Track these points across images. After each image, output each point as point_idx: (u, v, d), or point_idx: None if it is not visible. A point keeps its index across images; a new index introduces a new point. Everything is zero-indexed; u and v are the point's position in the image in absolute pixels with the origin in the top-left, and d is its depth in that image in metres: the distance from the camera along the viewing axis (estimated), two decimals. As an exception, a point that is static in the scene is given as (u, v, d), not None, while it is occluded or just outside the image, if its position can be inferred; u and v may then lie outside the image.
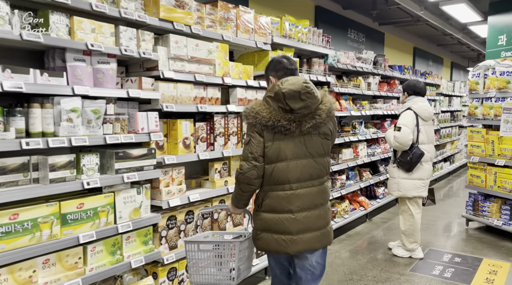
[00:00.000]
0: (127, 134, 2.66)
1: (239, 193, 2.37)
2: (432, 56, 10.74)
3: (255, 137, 2.22)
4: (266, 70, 2.49)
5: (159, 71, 2.88)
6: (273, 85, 2.26)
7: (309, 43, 4.50)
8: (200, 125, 3.26)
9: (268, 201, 2.29)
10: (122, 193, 2.67)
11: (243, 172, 2.25)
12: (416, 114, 4.21)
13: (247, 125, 2.27)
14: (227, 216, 3.53)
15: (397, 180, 4.30)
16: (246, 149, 2.25)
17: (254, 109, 2.22)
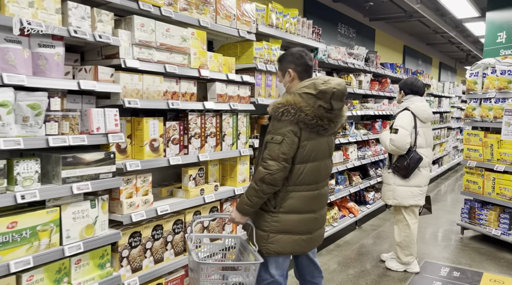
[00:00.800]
0: (78, 135, 2.17)
1: (259, 196, 2.23)
2: (421, 55, 10.48)
3: (290, 137, 2.16)
4: (283, 61, 2.41)
5: (120, 59, 2.40)
6: (312, 83, 2.21)
7: (298, 34, 4.07)
8: (171, 125, 2.79)
9: (292, 201, 2.28)
10: (71, 207, 2.18)
11: (272, 173, 2.16)
12: (414, 115, 3.82)
13: (279, 122, 2.17)
14: (202, 230, 3.07)
15: (393, 187, 3.90)
16: (277, 148, 2.16)
17: (295, 105, 2.14)
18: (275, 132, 2.19)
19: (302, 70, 2.37)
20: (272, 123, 2.22)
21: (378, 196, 6.41)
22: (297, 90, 2.23)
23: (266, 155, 2.20)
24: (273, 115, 2.19)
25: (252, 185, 2.23)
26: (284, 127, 2.17)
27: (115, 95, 2.44)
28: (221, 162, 3.40)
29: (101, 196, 2.35)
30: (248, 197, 2.26)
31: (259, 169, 2.21)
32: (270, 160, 2.18)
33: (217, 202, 3.18)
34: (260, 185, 2.20)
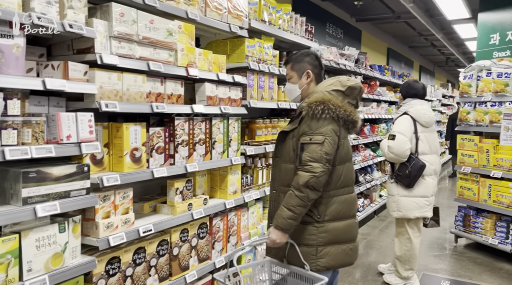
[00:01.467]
0: (43, 145, 1.78)
1: (304, 205, 2.02)
2: (404, 58, 10.42)
3: (331, 136, 2.05)
4: (301, 62, 2.29)
5: (96, 54, 2.01)
6: (336, 80, 2.17)
7: (291, 32, 3.77)
8: (155, 131, 2.42)
9: (335, 207, 2.14)
10: (34, 233, 1.78)
11: (317, 175, 1.99)
12: (414, 119, 3.56)
13: (318, 121, 2.05)
14: (190, 250, 2.70)
15: (396, 198, 3.61)
16: (319, 149, 2.02)
17: (333, 102, 2.05)
18: (314, 132, 2.06)
19: (318, 72, 2.31)
20: (308, 123, 2.07)
21: (367, 203, 6.20)
22: (324, 89, 2.16)
23: (306, 157, 2.03)
24: (311, 114, 2.06)
25: (294, 194, 2.02)
26: (325, 126, 2.05)
27: (90, 96, 2.06)
28: (210, 172, 3.05)
29: (73, 218, 1.96)
30: (290, 208, 2.02)
31: (300, 174, 2.02)
32: (313, 162, 2.01)
33: (206, 218, 2.83)
34: (304, 191, 2.00)
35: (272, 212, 2.27)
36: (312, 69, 2.26)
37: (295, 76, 2.29)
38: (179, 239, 2.59)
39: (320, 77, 2.30)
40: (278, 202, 2.20)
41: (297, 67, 2.29)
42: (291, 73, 2.31)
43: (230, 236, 3.07)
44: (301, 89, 2.27)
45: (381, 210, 6.78)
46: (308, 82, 2.26)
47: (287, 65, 2.33)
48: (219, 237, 2.96)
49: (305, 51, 2.34)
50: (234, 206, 3.03)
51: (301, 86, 2.28)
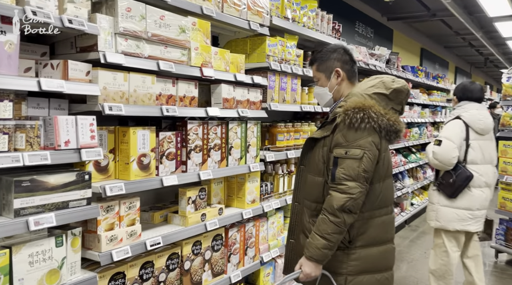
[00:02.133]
0: (38, 152, 1.63)
1: (340, 231, 1.75)
2: (438, 59, 9.90)
3: (372, 150, 1.75)
4: (326, 60, 1.98)
5: (99, 53, 1.86)
6: (379, 81, 1.87)
7: (317, 30, 3.52)
8: (166, 136, 2.25)
9: (371, 231, 1.85)
10: (27, 248, 1.63)
11: (355, 197, 1.72)
12: (467, 124, 3.21)
13: (356, 131, 1.75)
14: (203, 264, 2.51)
15: (436, 207, 3.29)
16: (356, 165, 1.73)
17: (375, 109, 1.74)
18: (351, 144, 1.76)
19: (350, 68, 1.99)
20: (344, 133, 1.78)
21: (398, 212, 5.84)
22: (364, 91, 1.86)
23: (341, 175, 1.74)
24: (347, 123, 1.76)
25: (328, 219, 1.75)
26: (364, 138, 1.75)
27: (92, 98, 1.90)
28: (226, 180, 2.85)
29: (72, 230, 1.81)
30: (324, 236, 1.75)
31: (334, 195, 1.74)
32: (350, 181, 1.73)
33: (221, 229, 2.63)
34: (340, 216, 1.73)
35: (294, 226, 2.03)
36: (342, 66, 1.96)
37: (323, 78, 1.99)
38: (191, 252, 2.41)
39: (353, 73, 1.99)
40: (300, 217, 1.97)
41: (324, 66, 1.98)
42: (318, 75, 2.01)
43: (248, 249, 2.86)
44: (332, 92, 1.98)
45: (413, 219, 6.39)
46: (339, 82, 1.96)
47: (313, 66, 2.04)
48: (236, 249, 2.75)
49: (331, 47, 2.02)
50: (252, 216, 2.81)
51: (331, 88, 1.98)
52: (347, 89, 1.95)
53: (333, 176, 1.76)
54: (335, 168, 1.76)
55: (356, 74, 2.01)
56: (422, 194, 7.00)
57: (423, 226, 6.18)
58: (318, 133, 1.91)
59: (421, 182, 6.63)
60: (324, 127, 1.90)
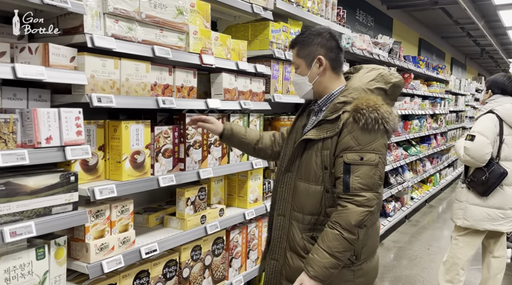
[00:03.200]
0: (13, 150, 1.39)
1: (351, 249, 1.55)
2: (435, 49, 9.74)
3: (384, 153, 1.58)
4: (308, 45, 1.67)
5: (86, 35, 1.61)
6: (378, 74, 1.65)
7: (322, 16, 3.29)
8: (162, 131, 2.02)
9: (370, 241, 1.69)
10: (3, 263, 1.40)
11: (373, 210, 1.54)
12: (501, 119, 3.04)
13: (370, 133, 1.53)
14: (203, 270, 2.30)
15: (465, 205, 3.11)
16: (373, 172, 1.53)
17: (386, 109, 1.55)
18: (365, 148, 1.53)
19: (336, 56, 1.67)
20: (356, 135, 1.54)
21: (398, 207, 5.69)
22: (365, 85, 1.62)
23: (357, 184, 1.51)
24: (362, 124, 1.52)
25: (342, 236, 1.50)
26: (377, 140, 1.54)
27: (79, 88, 1.66)
28: (227, 177, 2.63)
29: (56, 240, 1.58)
30: (334, 254, 1.51)
31: (351, 208, 1.50)
32: (367, 192, 1.52)
33: (222, 232, 2.41)
34: (356, 232, 1.52)
35: (276, 243, 1.72)
36: (326, 53, 1.64)
37: (303, 65, 1.69)
38: (190, 259, 2.19)
39: (338, 63, 1.68)
40: (285, 232, 1.69)
41: (305, 52, 1.67)
42: (297, 61, 1.70)
43: (250, 251, 2.65)
44: (312, 83, 1.68)
45: (413, 214, 6.25)
46: (321, 72, 1.66)
47: (293, 50, 1.73)
48: (237, 253, 2.55)
49: (315, 29, 1.69)
50: (254, 216, 2.61)
51: (311, 78, 1.68)
52: (330, 81, 1.68)
53: (347, 186, 1.52)
54: (347, 176, 1.52)
55: (342, 64, 1.71)
56: (421, 188, 6.87)
57: (423, 220, 6.06)
58: (313, 134, 1.61)
59: (420, 176, 6.49)
60: (320, 126, 1.62)
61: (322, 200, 1.61)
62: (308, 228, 1.64)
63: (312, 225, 1.64)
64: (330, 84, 1.68)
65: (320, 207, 1.61)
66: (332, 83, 1.68)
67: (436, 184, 7.43)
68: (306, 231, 1.65)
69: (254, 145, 1.95)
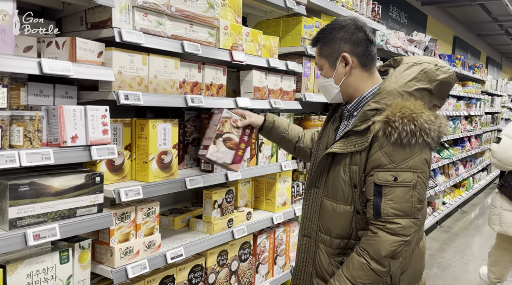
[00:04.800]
0: (38, 149, 1.33)
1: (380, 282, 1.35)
2: (471, 48, 9.32)
3: (425, 171, 1.33)
4: (330, 40, 1.43)
5: (114, 29, 1.54)
6: (421, 70, 1.38)
7: (356, 11, 3.14)
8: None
9: (413, 267, 1.47)
10: (25, 267, 1.35)
11: (409, 240, 1.32)
12: None
13: (404, 148, 1.30)
14: (229, 276, 2.21)
15: (499, 211, 3.12)
16: (409, 195, 1.31)
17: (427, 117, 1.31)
18: (399, 166, 1.30)
19: (365, 51, 1.42)
20: (388, 150, 1.31)
21: (429, 212, 5.45)
22: (402, 88, 1.36)
23: (390, 210, 1.30)
24: (395, 138, 1.29)
25: (369, 266, 1.32)
26: (415, 156, 1.30)
27: (106, 85, 1.59)
28: (254, 179, 2.53)
29: (80, 243, 1.51)
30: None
31: (383, 236, 1.30)
32: (402, 218, 1.30)
33: (249, 236, 2.31)
34: (387, 264, 1.32)
35: (301, 268, 1.56)
36: (352, 49, 1.41)
37: (327, 66, 1.47)
38: (216, 264, 2.11)
39: (369, 57, 1.43)
40: (313, 255, 1.52)
41: (327, 50, 1.45)
42: (320, 62, 1.49)
43: (278, 257, 2.55)
44: (339, 85, 1.46)
45: (444, 219, 5.99)
46: (349, 71, 1.43)
47: (315, 47, 1.52)
48: (264, 258, 2.45)
49: (337, 22, 1.44)
50: (282, 221, 2.50)
51: (338, 79, 1.45)
52: (361, 81, 1.44)
53: (378, 211, 1.31)
54: (378, 200, 1.31)
55: (374, 58, 1.45)
56: (453, 192, 6.58)
57: (456, 227, 5.79)
58: (339, 147, 1.40)
59: (453, 180, 6.22)
60: (347, 137, 1.40)
61: (353, 222, 1.41)
62: (337, 253, 1.46)
63: (341, 249, 1.45)
64: (361, 85, 1.45)
65: (350, 230, 1.42)
66: (363, 83, 1.45)
67: (469, 188, 7.11)
68: (335, 255, 1.46)
69: (296, 143, 1.79)
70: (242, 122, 1.77)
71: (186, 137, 2.08)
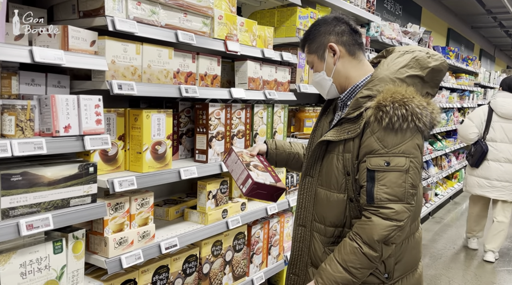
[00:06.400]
0: (30, 139, 1.32)
1: (371, 267, 1.35)
2: (464, 40, 9.35)
3: (418, 156, 1.34)
4: (315, 36, 1.48)
5: (107, 18, 1.52)
6: (412, 58, 1.39)
7: (351, 2, 3.13)
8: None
9: (407, 256, 1.49)
10: (18, 256, 1.34)
11: (403, 225, 1.32)
12: (491, 109, 4.05)
13: (396, 133, 1.31)
14: (223, 266, 2.22)
15: (466, 175, 4.27)
16: (402, 179, 1.31)
17: (418, 102, 1.31)
18: (392, 151, 1.30)
19: (350, 39, 1.45)
20: (380, 136, 1.32)
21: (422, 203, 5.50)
22: (394, 74, 1.37)
23: (383, 195, 1.30)
24: (386, 123, 1.29)
25: (361, 250, 1.32)
26: (407, 141, 1.31)
27: (99, 74, 1.57)
28: (249, 170, 2.53)
29: (74, 233, 1.51)
30: (349, 269, 1.33)
31: (376, 221, 1.30)
32: (396, 203, 1.30)
33: (243, 227, 2.32)
34: (379, 249, 1.31)
35: (297, 257, 1.56)
36: (337, 39, 1.44)
37: (316, 60, 1.49)
38: (210, 254, 2.11)
39: (355, 45, 1.45)
40: (308, 244, 1.52)
41: (314, 46, 1.48)
42: (310, 58, 1.52)
43: (272, 247, 2.56)
44: (331, 75, 1.47)
45: (437, 210, 6.06)
46: (336, 60, 1.45)
47: (304, 49, 1.54)
48: (259, 248, 2.46)
49: (318, 20, 1.50)
50: (277, 211, 2.51)
51: (328, 70, 1.47)
52: (351, 68, 1.46)
53: (371, 196, 1.31)
54: (371, 185, 1.31)
55: (360, 46, 1.47)
56: (446, 184, 6.65)
57: (448, 217, 5.85)
58: (332, 134, 1.41)
59: (445, 171, 6.27)
60: (341, 125, 1.41)
61: (346, 211, 1.42)
62: (331, 241, 1.46)
63: (335, 238, 1.46)
64: (352, 73, 1.45)
65: (344, 218, 1.43)
66: (354, 71, 1.45)
67: (461, 180, 7.18)
68: (329, 244, 1.46)
69: (304, 154, 1.75)
70: (253, 151, 1.73)
71: (181, 127, 2.08)
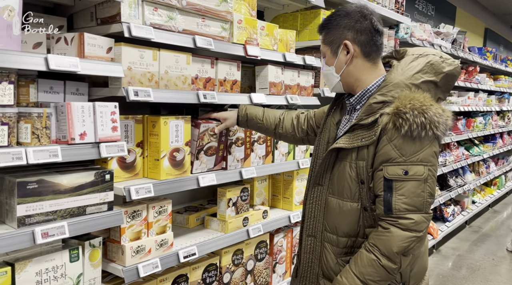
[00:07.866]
0: (46, 147, 1.32)
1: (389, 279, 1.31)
2: (503, 40, 8.92)
3: (434, 163, 1.29)
4: (334, 27, 1.38)
5: (123, 24, 1.51)
6: (427, 62, 1.33)
7: (378, 3, 3.02)
8: (208, 128, 1.89)
9: (419, 263, 1.43)
10: (34, 264, 1.34)
11: (422, 236, 1.28)
12: None
13: (414, 141, 1.26)
14: (245, 276, 2.16)
15: None
16: (420, 189, 1.26)
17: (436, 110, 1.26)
18: (410, 160, 1.25)
19: (369, 40, 1.35)
20: (398, 143, 1.26)
21: (458, 211, 5.24)
22: (409, 80, 1.31)
23: (402, 205, 1.25)
24: (405, 131, 1.24)
25: (379, 263, 1.26)
26: (425, 149, 1.26)
27: (115, 81, 1.56)
28: (271, 177, 2.47)
29: (90, 241, 1.50)
30: (367, 282, 1.28)
31: (395, 232, 1.25)
32: (415, 213, 1.25)
33: (265, 235, 2.26)
34: (398, 261, 1.27)
35: (307, 269, 1.49)
36: (355, 37, 1.34)
37: (329, 53, 1.42)
38: (231, 263, 2.06)
39: (373, 47, 1.37)
40: (319, 256, 1.45)
41: (330, 37, 1.39)
42: (323, 49, 1.44)
43: (295, 257, 2.48)
44: (340, 74, 1.41)
45: (474, 219, 5.75)
46: (349, 60, 1.37)
47: (320, 36, 1.46)
48: (282, 258, 2.39)
49: (344, 9, 1.39)
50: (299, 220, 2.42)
51: (338, 68, 1.40)
52: (363, 71, 1.38)
53: (389, 207, 1.26)
54: (389, 195, 1.26)
55: (379, 49, 1.38)
56: (484, 191, 6.31)
57: (486, 227, 5.55)
58: (345, 141, 1.35)
59: (484, 178, 5.96)
60: (353, 131, 1.35)
61: (360, 220, 1.36)
62: (344, 252, 1.40)
63: (348, 248, 1.40)
64: (364, 76, 1.38)
65: (357, 228, 1.37)
66: (365, 74, 1.38)
67: (501, 187, 6.81)
68: (342, 255, 1.40)
69: (274, 130, 1.81)
70: (218, 128, 1.86)
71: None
